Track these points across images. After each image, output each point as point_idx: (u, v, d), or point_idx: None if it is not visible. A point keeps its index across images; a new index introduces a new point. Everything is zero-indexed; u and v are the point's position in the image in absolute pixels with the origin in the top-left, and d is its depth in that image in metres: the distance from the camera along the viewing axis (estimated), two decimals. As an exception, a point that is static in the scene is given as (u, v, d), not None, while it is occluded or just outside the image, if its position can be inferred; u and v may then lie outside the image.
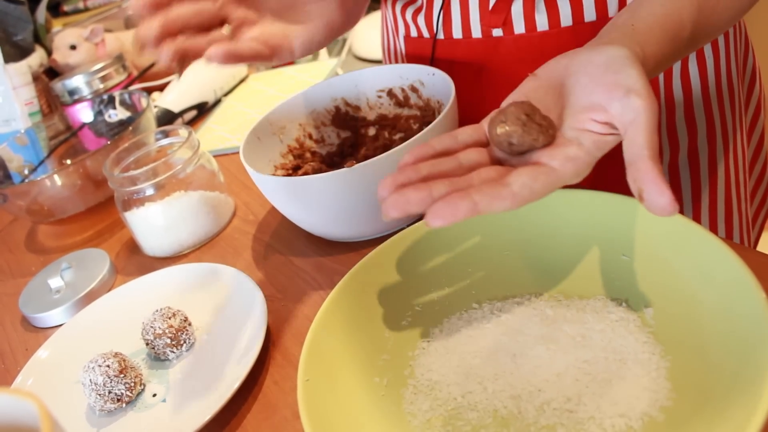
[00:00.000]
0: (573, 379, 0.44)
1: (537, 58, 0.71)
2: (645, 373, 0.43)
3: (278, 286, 0.64)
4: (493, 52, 0.72)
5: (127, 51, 1.22)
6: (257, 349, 0.53)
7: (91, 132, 1.04)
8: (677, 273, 0.46)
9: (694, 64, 0.71)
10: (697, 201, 0.77)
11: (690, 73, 0.71)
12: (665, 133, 0.73)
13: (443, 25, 0.73)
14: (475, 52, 0.73)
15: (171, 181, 0.72)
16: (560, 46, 0.70)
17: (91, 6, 1.49)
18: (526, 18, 0.69)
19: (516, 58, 0.71)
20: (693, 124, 0.74)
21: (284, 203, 0.63)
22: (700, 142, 0.74)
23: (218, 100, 1.13)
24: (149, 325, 0.58)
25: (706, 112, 0.74)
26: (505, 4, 0.68)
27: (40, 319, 0.70)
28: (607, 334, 0.46)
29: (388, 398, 0.47)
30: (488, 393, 0.45)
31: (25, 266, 0.84)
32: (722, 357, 0.40)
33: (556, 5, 0.68)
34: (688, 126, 0.73)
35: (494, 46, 0.72)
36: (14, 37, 1.14)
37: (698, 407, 0.39)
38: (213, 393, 0.53)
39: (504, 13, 0.69)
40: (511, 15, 0.69)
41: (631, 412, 0.41)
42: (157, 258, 0.75)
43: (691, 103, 0.73)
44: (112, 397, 0.54)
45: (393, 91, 0.74)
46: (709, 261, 0.43)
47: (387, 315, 0.51)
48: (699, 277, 0.44)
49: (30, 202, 0.82)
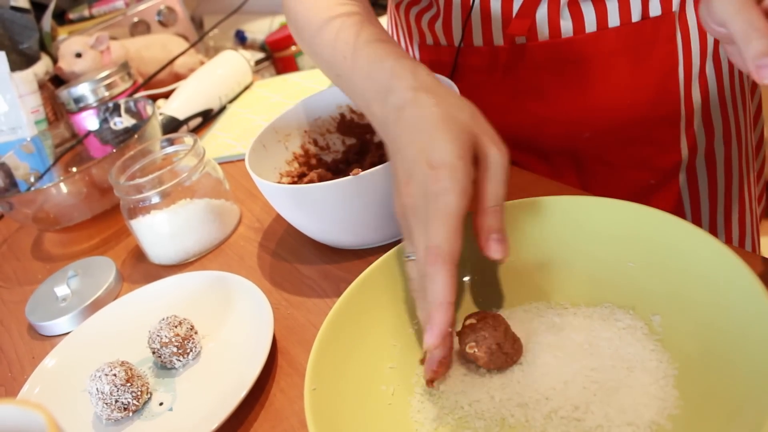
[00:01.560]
0: (580, 387, 0.44)
1: (561, 65, 0.71)
2: (653, 381, 0.43)
3: (284, 294, 0.64)
4: (516, 59, 0.72)
5: (131, 58, 1.23)
6: (264, 357, 0.53)
7: (97, 140, 1.05)
8: (684, 280, 0.46)
9: (711, 66, 0.71)
10: (713, 201, 0.78)
11: (707, 75, 0.71)
12: (684, 137, 0.73)
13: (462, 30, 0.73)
14: (497, 60, 0.73)
15: (176, 189, 0.72)
16: (584, 52, 0.70)
17: (97, 14, 1.50)
18: (551, 25, 0.69)
19: (539, 64, 0.72)
20: (710, 126, 0.74)
21: (290, 211, 0.63)
22: (716, 143, 0.75)
23: (223, 107, 1.14)
24: (155, 334, 0.58)
25: (722, 113, 0.74)
26: (529, 12, 0.68)
27: (47, 327, 0.70)
28: (615, 342, 0.46)
29: (395, 406, 0.47)
30: (495, 401, 0.45)
31: (31, 274, 0.85)
32: (730, 365, 0.40)
33: (581, 11, 0.68)
34: (705, 128, 0.74)
35: (517, 54, 0.72)
36: (20, 45, 1.15)
37: (706, 415, 0.39)
38: (220, 401, 0.53)
39: (528, 20, 0.68)
40: (536, 22, 0.69)
41: (639, 420, 0.41)
42: (163, 266, 0.75)
43: (708, 106, 0.73)
44: (118, 406, 0.54)
45: (398, 97, 0.74)
46: (716, 268, 0.43)
47: (393, 323, 0.51)
48: (706, 284, 0.44)
49: (36, 210, 0.82)
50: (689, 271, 0.45)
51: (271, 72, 1.43)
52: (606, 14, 0.68)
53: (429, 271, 0.44)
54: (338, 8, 0.61)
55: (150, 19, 1.43)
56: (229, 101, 1.15)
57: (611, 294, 0.50)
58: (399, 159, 0.49)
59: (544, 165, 0.79)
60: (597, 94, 0.72)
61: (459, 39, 0.74)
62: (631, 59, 0.70)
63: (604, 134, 0.74)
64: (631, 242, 0.49)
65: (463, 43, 0.74)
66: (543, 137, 0.77)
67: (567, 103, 0.74)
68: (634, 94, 0.72)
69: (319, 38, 0.61)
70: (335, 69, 0.59)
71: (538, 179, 0.68)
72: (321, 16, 0.62)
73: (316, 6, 0.63)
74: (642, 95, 0.71)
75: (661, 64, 0.70)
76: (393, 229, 0.61)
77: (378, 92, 0.52)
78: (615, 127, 0.74)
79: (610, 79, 0.71)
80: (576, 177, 0.79)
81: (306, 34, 0.64)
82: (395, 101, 0.50)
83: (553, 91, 0.73)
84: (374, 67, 0.53)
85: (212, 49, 1.50)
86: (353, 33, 0.58)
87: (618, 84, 0.72)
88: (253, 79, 1.22)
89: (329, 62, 0.60)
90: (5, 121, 1.07)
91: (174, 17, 1.44)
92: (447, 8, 0.73)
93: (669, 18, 0.68)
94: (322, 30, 0.61)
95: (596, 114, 0.73)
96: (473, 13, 0.71)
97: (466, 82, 0.75)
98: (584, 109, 0.73)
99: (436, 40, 0.77)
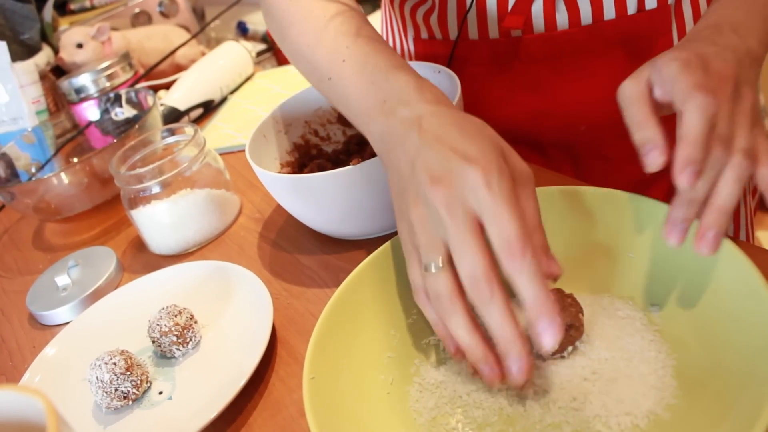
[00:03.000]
0: (579, 377, 0.44)
1: (556, 57, 0.71)
2: (651, 371, 0.43)
3: (284, 284, 0.64)
4: (511, 52, 0.72)
5: (133, 49, 1.23)
6: (263, 346, 0.53)
7: (98, 130, 1.05)
8: (683, 271, 0.46)
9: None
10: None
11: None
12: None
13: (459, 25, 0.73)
14: (492, 53, 0.73)
15: (177, 179, 0.72)
16: (580, 45, 0.69)
17: (98, 4, 1.50)
18: (546, 18, 0.68)
19: (535, 57, 0.71)
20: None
21: (290, 201, 0.63)
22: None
23: (224, 98, 1.13)
24: (155, 323, 0.58)
25: None
26: (524, 6, 0.68)
27: (47, 317, 0.71)
28: (614, 332, 0.46)
29: (394, 396, 0.47)
30: (494, 391, 0.45)
31: (32, 264, 0.85)
32: (729, 355, 0.40)
33: (576, 4, 0.67)
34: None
35: (513, 46, 0.71)
36: (21, 35, 1.15)
37: (704, 406, 0.39)
38: (219, 390, 0.53)
39: (524, 14, 0.68)
40: (531, 15, 0.68)
41: (637, 410, 0.41)
42: (164, 256, 0.75)
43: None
44: (118, 395, 0.54)
45: (399, 88, 0.74)
46: (716, 259, 0.43)
47: (392, 313, 0.51)
48: (705, 275, 0.44)
49: (37, 200, 0.82)
50: (688, 262, 0.45)
51: (273, 63, 1.43)
52: (602, 7, 0.67)
53: (484, 297, 0.39)
54: (327, 3, 0.58)
55: (151, 9, 1.43)
56: (230, 92, 1.15)
57: (610, 284, 0.50)
58: (420, 163, 0.43)
59: (540, 158, 0.79)
60: (593, 87, 0.72)
61: (455, 32, 0.74)
62: (626, 52, 0.70)
63: (600, 127, 0.74)
64: (630, 233, 0.49)
65: (459, 37, 0.74)
66: (539, 130, 0.77)
67: (563, 96, 0.73)
68: None
69: (305, 36, 0.57)
70: (326, 72, 0.55)
71: (536, 170, 0.68)
72: (308, 11, 0.58)
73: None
74: None
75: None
76: (392, 219, 0.61)
77: (384, 102, 0.48)
78: (611, 120, 0.73)
79: (606, 72, 0.71)
80: (572, 170, 0.79)
81: (290, 30, 0.59)
82: (409, 113, 0.46)
83: (549, 84, 0.73)
84: (380, 76, 0.50)
85: (213, 40, 1.50)
86: (351, 35, 0.54)
87: (614, 77, 0.71)
88: (255, 70, 1.21)
89: (317, 64, 0.56)
90: (6, 111, 1.07)
91: (175, 8, 1.44)
92: (442, 2, 0.73)
93: (665, 11, 0.68)
94: (310, 27, 0.57)
95: (592, 107, 0.73)
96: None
97: (462, 75, 0.74)
98: (580, 102, 0.73)
99: (431, 33, 0.77)
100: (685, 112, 0.41)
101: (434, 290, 0.42)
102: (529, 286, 0.38)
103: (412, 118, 0.45)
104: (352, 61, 0.52)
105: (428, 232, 0.42)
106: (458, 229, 0.40)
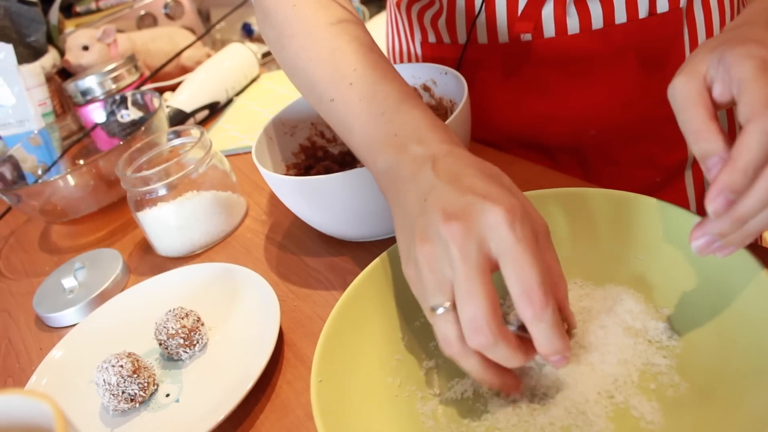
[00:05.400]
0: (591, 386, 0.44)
1: (567, 61, 0.71)
2: (659, 371, 0.43)
3: (291, 286, 0.64)
4: (521, 56, 0.71)
5: (138, 51, 1.23)
6: (270, 349, 0.53)
7: (104, 132, 1.05)
8: (693, 272, 0.45)
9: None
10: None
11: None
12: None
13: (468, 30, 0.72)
14: (501, 57, 0.73)
15: (183, 181, 0.72)
16: (591, 49, 0.69)
17: (104, 7, 1.50)
18: (557, 22, 0.68)
19: (545, 61, 0.71)
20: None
21: (296, 203, 0.63)
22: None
23: (230, 100, 1.13)
24: (162, 326, 0.58)
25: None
26: (535, 10, 0.68)
27: (54, 319, 0.71)
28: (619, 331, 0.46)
29: (402, 399, 0.47)
30: (502, 395, 0.45)
31: (38, 266, 0.85)
32: (738, 355, 0.40)
33: (587, 8, 0.67)
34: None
35: (522, 51, 0.71)
36: (27, 38, 1.15)
37: (714, 405, 0.39)
38: (226, 393, 0.53)
39: (534, 19, 0.68)
40: (541, 19, 0.68)
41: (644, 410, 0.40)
42: (170, 258, 0.75)
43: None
44: (125, 397, 0.54)
45: (405, 90, 0.74)
46: (725, 262, 0.43)
47: (400, 316, 0.51)
48: (715, 276, 0.44)
49: (43, 203, 0.83)
50: (698, 264, 0.45)
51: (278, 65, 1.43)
52: (613, 11, 0.67)
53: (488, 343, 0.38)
54: (333, 12, 0.55)
55: (157, 11, 1.43)
56: (236, 94, 1.15)
57: (619, 285, 0.49)
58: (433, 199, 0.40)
59: (549, 163, 0.79)
60: (603, 92, 0.72)
61: (463, 36, 0.73)
62: (637, 56, 0.69)
63: (609, 132, 0.74)
64: (641, 235, 0.49)
65: (468, 41, 0.73)
66: (548, 135, 0.76)
67: (572, 101, 0.73)
68: (641, 91, 0.71)
69: (307, 51, 0.54)
70: (328, 92, 0.51)
71: (544, 171, 0.67)
72: (312, 23, 0.54)
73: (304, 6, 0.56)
74: (648, 93, 0.71)
75: (668, 60, 0.70)
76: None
77: (395, 136, 0.45)
78: (621, 125, 0.73)
79: (616, 76, 0.71)
80: (581, 174, 0.78)
81: (291, 41, 0.55)
82: (423, 151, 0.43)
83: (558, 89, 0.73)
84: (391, 107, 0.47)
85: (219, 42, 1.50)
86: (359, 54, 0.51)
87: (624, 81, 0.71)
88: (260, 71, 1.21)
89: (318, 83, 0.52)
90: (13, 113, 1.07)
91: (181, 10, 1.44)
92: (450, 5, 0.72)
93: (676, 14, 0.68)
94: (314, 41, 0.54)
95: (602, 112, 0.73)
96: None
97: (471, 79, 0.74)
98: (590, 107, 0.73)
99: (439, 37, 0.77)
100: (748, 132, 0.35)
101: (443, 333, 0.40)
102: (548, 334, 0.37)
103: (426, 155, 0.43)
104: (360, 86, 0.49)
105: (436, 272, 0.39)
106: (467, 267, 0.38)
